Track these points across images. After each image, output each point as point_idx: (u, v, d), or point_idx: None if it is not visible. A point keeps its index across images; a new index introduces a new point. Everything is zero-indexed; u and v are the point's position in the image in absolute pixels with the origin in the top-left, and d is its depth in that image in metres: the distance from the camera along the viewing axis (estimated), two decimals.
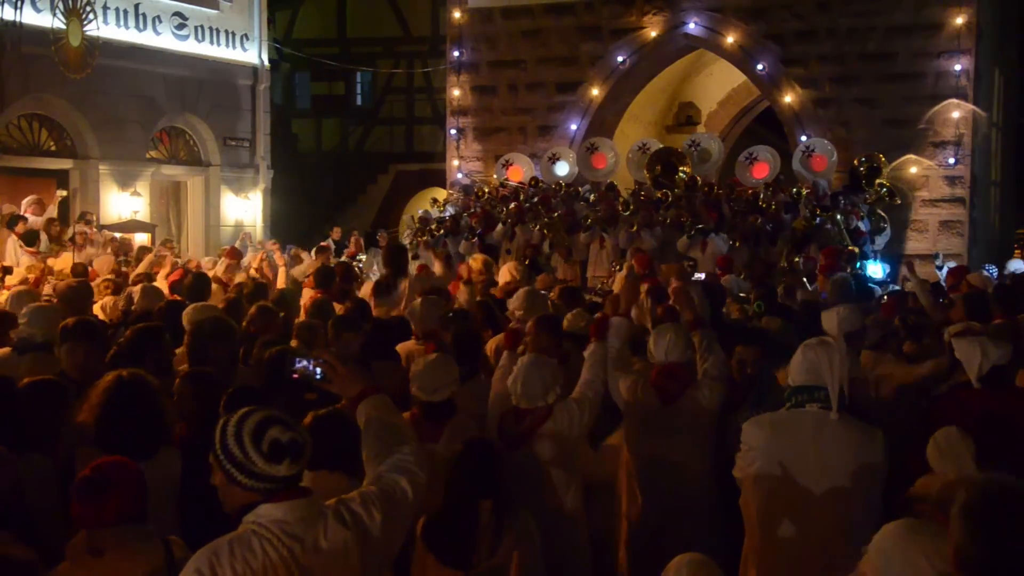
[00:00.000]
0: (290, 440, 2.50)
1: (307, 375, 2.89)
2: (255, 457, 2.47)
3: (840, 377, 3.45)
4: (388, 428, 2.83)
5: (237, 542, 2.47)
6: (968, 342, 4.33)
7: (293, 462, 2.50)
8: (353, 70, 25.13)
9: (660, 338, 4.69)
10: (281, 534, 2.47)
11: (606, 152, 16.09)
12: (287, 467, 2.49)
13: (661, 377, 4.66)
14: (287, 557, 2.46)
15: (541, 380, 4.22)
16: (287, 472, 2.50)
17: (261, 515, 2.49)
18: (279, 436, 2.49)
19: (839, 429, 3.43)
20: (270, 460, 2.47)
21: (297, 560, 2.47)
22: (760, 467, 3.51)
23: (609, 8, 16.37)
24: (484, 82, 17.43)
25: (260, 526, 2.48)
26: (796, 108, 15.23)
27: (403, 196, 24.14)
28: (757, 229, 12.42)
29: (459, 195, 16.61)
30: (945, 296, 8.08)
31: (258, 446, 2.47)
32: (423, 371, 4.23)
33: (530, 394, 4.21)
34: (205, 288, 7.35)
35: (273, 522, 2.48)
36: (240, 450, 2.48)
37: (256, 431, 2.49)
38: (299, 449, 2.51)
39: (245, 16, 18.34)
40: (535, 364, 4.29)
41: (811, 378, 3.49)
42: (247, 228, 17.87)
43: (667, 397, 4.62)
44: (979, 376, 4.20)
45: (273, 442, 2.48)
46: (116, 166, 16.08)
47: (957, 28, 14.19)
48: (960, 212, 14.42)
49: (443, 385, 4.22)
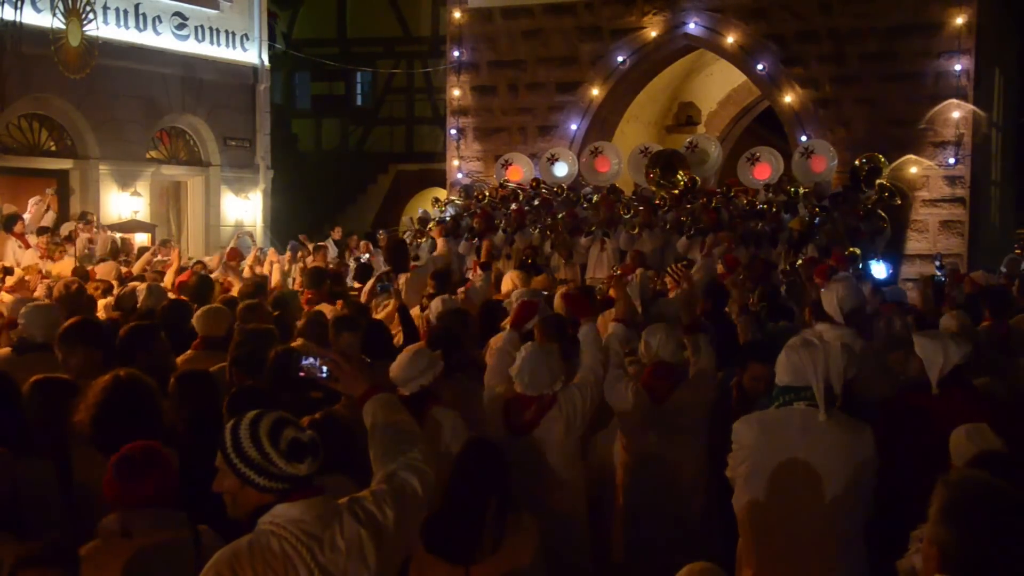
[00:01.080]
0: (310, 439, 2.52)
1: (313, 373, 2.90)
2: (275, 458, 2.46)
3: (827, 375, 3.45)
4: (395, 427, 2.82)
5: (256, 543, 2.47)
6: (931, 341, 4.21)
7: (314, 460, 2.51)
8: (353, 70, 25.13)
9: (651, 337, 4.75)
10: (300, 533, 2.47)
11: (610, 156, 16.09)
12: (308, 465, 2.50)
13: (651, 376, 4.72)
14: (306, 556, 2.46)
15: (549, 370, 4.29)
16: (307, 471, 2.50)
17: (278, 515, 2.48)
18: (297, 436, 2.50)
19: (828, 426, 3.44)
20: (291, 460, 2.47)
21: (316, 559, 2.47)
22: (750, 466, 3.52)
23: (609, 8, 16.37)
24: (484, 82, 17.44)
25: (277, 526, 2.48)
26: (796, 108, 15.23)
27: (403, 196, 24.15)
28: (758, 233, 12.42)
29: (460, 196, 16.61)
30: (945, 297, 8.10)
31: (276, 446, 2.47)
32: (395, 365, 4.25)
33: (537, 383, 4.27)
34: (208, 290, 7.35)
35: (290, 522, 2.48)
36: (258, 451, 2.47)
37: (272, 431, 2.49)
38: (317, 447, 2.53)
39: (245, 16, 18.34)
40: (542, 352, 4.34)
41: (796, 379, 3.49)
42: (247, 228, 17.88)
43: (657, 396, 4.66)
44: (940, 378, 4.11)
45: (292, 441, 2.49)
46: (116, 166, 16.08)
47: (957, 28, 14.19)
48: (960, 212, 14.43)
49: (412, 377, 4.19)
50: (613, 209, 13.60)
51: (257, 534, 2.49)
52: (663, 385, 4.67)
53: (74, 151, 15.83)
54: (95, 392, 3.51)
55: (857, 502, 3.44)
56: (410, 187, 24.23)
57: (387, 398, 2.90)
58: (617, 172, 16.07)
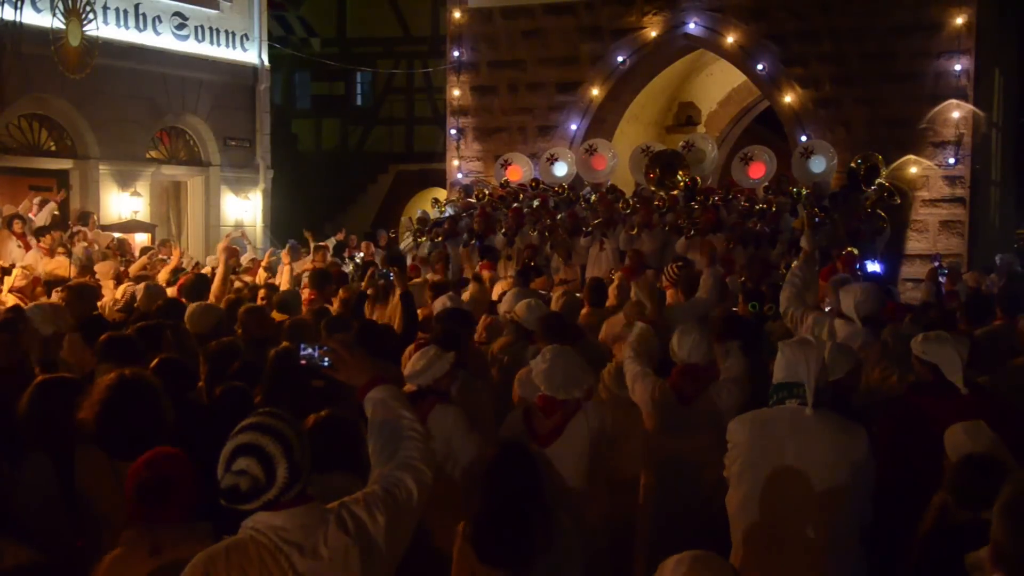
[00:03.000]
0: (250, 486, 2.42)
1: (314, 363, 2.88)
2: (221, 494, 2.44)
3: (816, 374, 3.47)
4: (395, 422, 2.79)
5: (234, 548, 2.46)
6: (940, 345, 4.12)
7: (253, 502, 2.44)
8: (353, 70, 25.12)
9: (684, 338, 4.65)
10: (280, 541, 2.45)
11: (605, 153, 16.09)
12: (247, 507, 2.45)
13: (680, 377, 4.65)
14: (284, 564, 2.44)
15: (577, 371, 4.19)
16: (249, 509, 2.46)
17: (260, 522, 2.47)
18: (237, 482, 2.41)
19: (818, 425, 3.44)
20: (230, 502, 2.44)
21: (295, 567, 2.45)
22: (741, 464, 3.54)
23: (609, 8, 16.38)
24: (484, 82, 17.44)
25: (258, 532, 2.46)
26: (796, 108, 15.23)
27: (403, 196, 24.14)
28: (757, 233, 12.42)
29: (459, 196, 16.60)
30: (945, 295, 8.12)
31: (221, 484, 2.44)
32: (410, 362, 4.28)
33: (570, 383, 4.16)
34: (205, 289, 7.37)
35: (271, 529, 2.46)
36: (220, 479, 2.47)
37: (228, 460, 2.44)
38: (258, 491, 2.43)
39: (245, 16, 18.34)
40: (566, 355, 4.25)
41: (789, 375, 3.51)
42: (247, 228, 17.86)
43: (685, 397, 4.61)
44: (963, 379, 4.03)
45: (231, 488, 2.42)
46: (116, 166, 16.08)
47: (957, 28, 14.19)
48: (960, 212, 14.43)
49: (420, 373, 4.22)
50: (612, 209, 13.59)
51: (237, 539, 2.48)
52: (691, 386, 4.61)
53: (74, 151, 15.83)
54: (100, 390, 3.49)
55: (849, 503, 3.43)
56: (410, 187, 24.23)
57: (390, 389, 2.86)
58: (613, 169, 16.06)
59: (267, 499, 2.44)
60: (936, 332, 4.35)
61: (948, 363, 4.07)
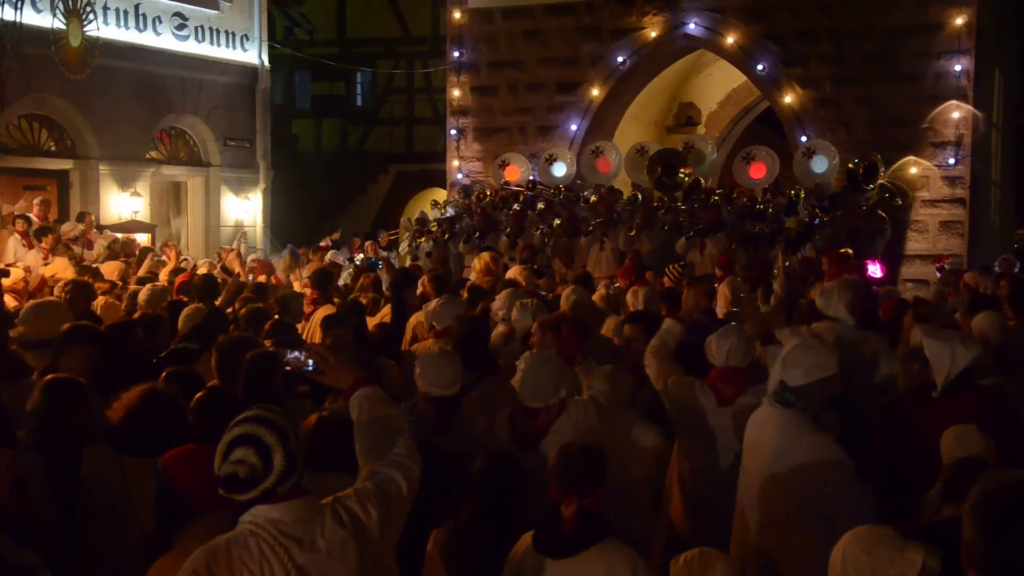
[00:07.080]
0: (248, 473, 2.48)
1: (299, 366, 2.89)
2: (219, 483, 2.51)
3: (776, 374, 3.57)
4: (381, 421, 2.84)
5: (234, 542, 2.49)
6: (939, 344, 4.04)
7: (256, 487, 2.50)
8: (353, 70, 25.14)
9: (723, 341, 4.61)
10: (278, 534, 2.49)
11: (610, 156, 16.08)
12: (246, 496, 2.50)
13: (719, 378, 4.64)
14: (283, 556, 2.48)
15: (550, 378, 4.10)
16: (248, 498, 2.51)
17: (257, 515, 2.51)
18: (236, 470, 2.48)
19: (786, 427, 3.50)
20: (228, 491, 2.50)
21: (294, 560, 2.49)
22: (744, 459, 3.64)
23: (609, 8, 16.37)
24: (484, 82, 17.43)
25: (257, 526, 2.50)
26: (796, 108, 15.23)
27: (403, 196, 24.14)
28: (756, 234, 12.42)
29: (459, 197, 16.60)
30: None
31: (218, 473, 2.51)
32: (429, 365, 4.22)
33: (540, 393, 4.10)
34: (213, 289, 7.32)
35: (269, 522, 2.50)
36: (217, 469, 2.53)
37: (224, 453, 2.51)
38: (256, 479, 2.49)
39: (245, 16, 18.35)
40: (540, 361, 4.18)
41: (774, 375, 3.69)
42: (247, 228, 17.88)
43: (724, 398, 4.60)
44: (947, 381, 3.97)
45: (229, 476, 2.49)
46: (116, 166, 16.09)
47: (957, 28, 14.19)
48: (960, 212, 14.42)
49: (450, 381, 4.21)
50: (612, 209, 13.58)
51: (236, 533, 2.51)
52: (730, 388, 4.59)
53: (74, 151, 15.83)
54: (131, 396, 3.51)
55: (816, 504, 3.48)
56: (410, 187, 24.23)
57: (373, 392, 2.89)
58: (618, 171, 16.06)
59: (265, 487, 2.49)
60: (946, 330, 4.29)
61: (935, 362, 4.01)
